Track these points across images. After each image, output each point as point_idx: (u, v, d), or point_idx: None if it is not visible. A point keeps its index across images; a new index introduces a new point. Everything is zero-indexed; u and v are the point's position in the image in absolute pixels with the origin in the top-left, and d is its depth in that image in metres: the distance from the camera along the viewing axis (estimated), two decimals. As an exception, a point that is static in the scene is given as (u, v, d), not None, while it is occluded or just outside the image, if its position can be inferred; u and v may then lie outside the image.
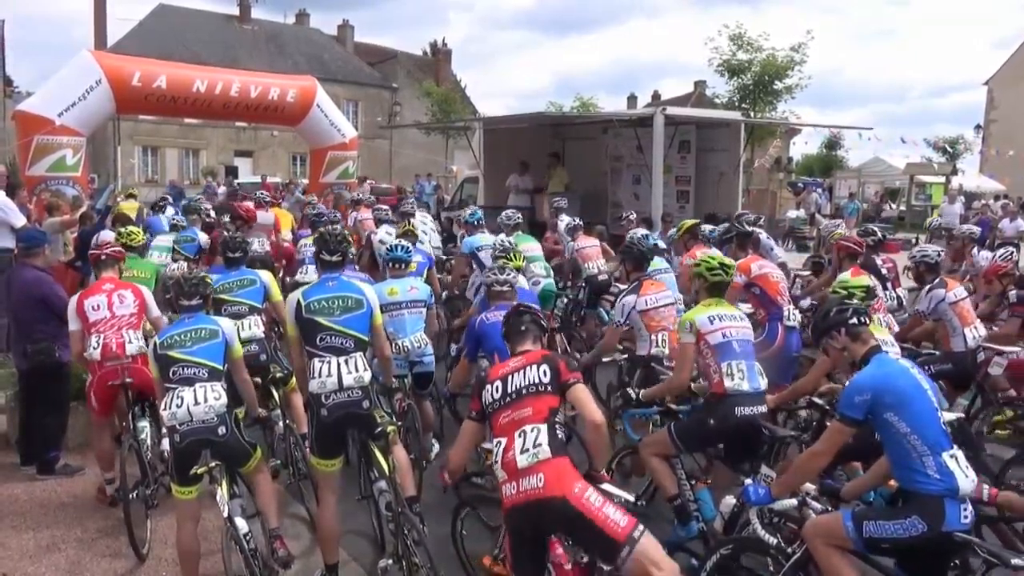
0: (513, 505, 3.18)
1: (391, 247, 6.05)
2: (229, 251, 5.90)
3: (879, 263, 7.29)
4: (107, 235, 8.12)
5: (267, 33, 40.75)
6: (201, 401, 3.90)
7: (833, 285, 5.15)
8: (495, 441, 3.31)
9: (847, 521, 3.14)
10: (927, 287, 6.04)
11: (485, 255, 7.48)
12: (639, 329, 5.35)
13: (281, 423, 5.58)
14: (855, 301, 4.20)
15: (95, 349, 5.00)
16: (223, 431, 3.94)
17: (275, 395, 5.55)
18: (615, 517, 3.04)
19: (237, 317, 5.45)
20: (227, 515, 3.88)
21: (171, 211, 12.55)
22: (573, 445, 4.07)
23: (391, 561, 4.15)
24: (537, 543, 3.30)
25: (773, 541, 3.41)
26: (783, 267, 6.56)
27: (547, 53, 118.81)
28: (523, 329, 3.67)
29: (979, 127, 37.89)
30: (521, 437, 3.21)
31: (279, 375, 5.47)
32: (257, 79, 14.92)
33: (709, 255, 4.80)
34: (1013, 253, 7.34)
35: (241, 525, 3.88)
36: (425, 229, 9.40)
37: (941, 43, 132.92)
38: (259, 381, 5.56)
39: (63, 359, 5.68)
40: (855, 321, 3.43)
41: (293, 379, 5.54)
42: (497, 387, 3.38)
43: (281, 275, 8.69)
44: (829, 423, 3.75)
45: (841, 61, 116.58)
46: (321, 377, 4.05)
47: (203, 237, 8.94)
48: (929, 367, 5.49)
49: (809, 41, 23.98)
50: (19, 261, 6.13)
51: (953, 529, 3.01)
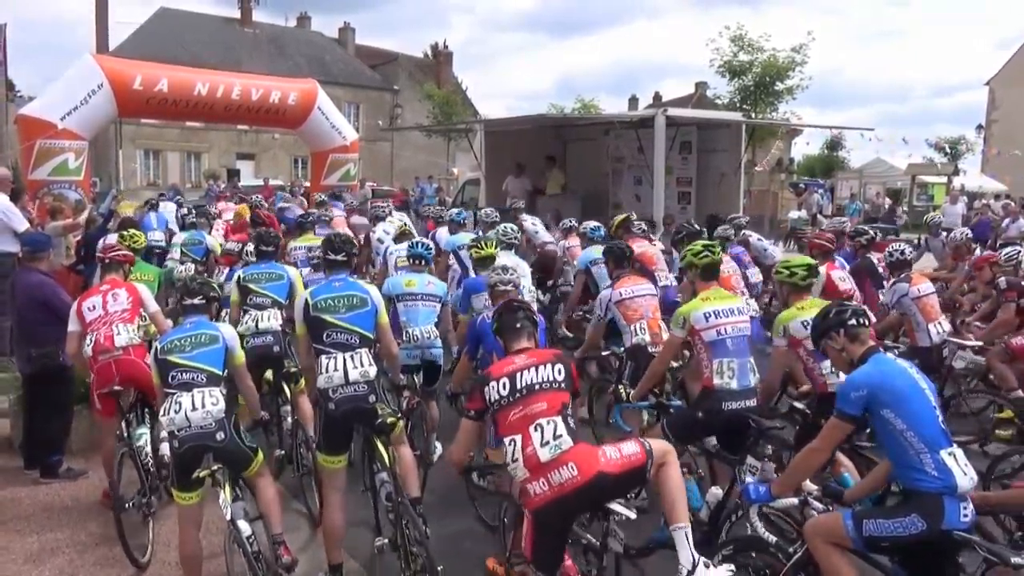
0: (546, 502, 3.18)
1: (412, 244, 6.41)
2: (263, 244, 6.17)
3: (875, 261, 7.38)
4: (111, 239, 8.17)
5: (268, 36, 40.82)
6: (199, 407, 3.91)
7: (776, 265, 5.05)
8: (507, 440, 3.29)
9: (847, 520, 3.14)
10: (892, 281, 6.34)
11: (466, 254, 7.55)
12: (619, 321, 5.51)
13: (290, 418, 5.65)
14: (797, 278, 4.54)
15: (88, 346, 5.05)
16: (221, 436, 3.93)
17: (286, 390, 5.62)
18: (631, 450, 3.27)
19: (259, 308, 5.68)
20: (230, 517, 3.89)
21: (170, 206, 12.72)
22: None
23: (387, 540, 4.30)
24: (564, 533, 3.35)
25: (773, 539, 3.42)
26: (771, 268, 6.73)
27: (548, 54, 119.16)
28: (518, 326, 3.67)
29: (980, 127, 37.84)
30: (538, 431, 3.24)
31: (293, 370, 5.53)
32: (258, 82, 14.96)
33: (697, 243, 4.92)
34: (1020, 252, 7.35)
35: (244, 528, 3.89)
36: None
37: (942, 43, 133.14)
38: (269, 377, 5.67)
39: (67, 363, 5.69)
40: (853, 322, 3.44)
41: (302, 381, 5.58)
42: (504, 384, 3.36)
43: None
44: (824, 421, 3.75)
45: (842, 61, 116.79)
46: (328, 372, 4.16)
47: (210, 240, 9.00)
48: None
49: (810, 42, 24.05)
50: (23, 265, 6.15)
51: (953, 527, 3.01)
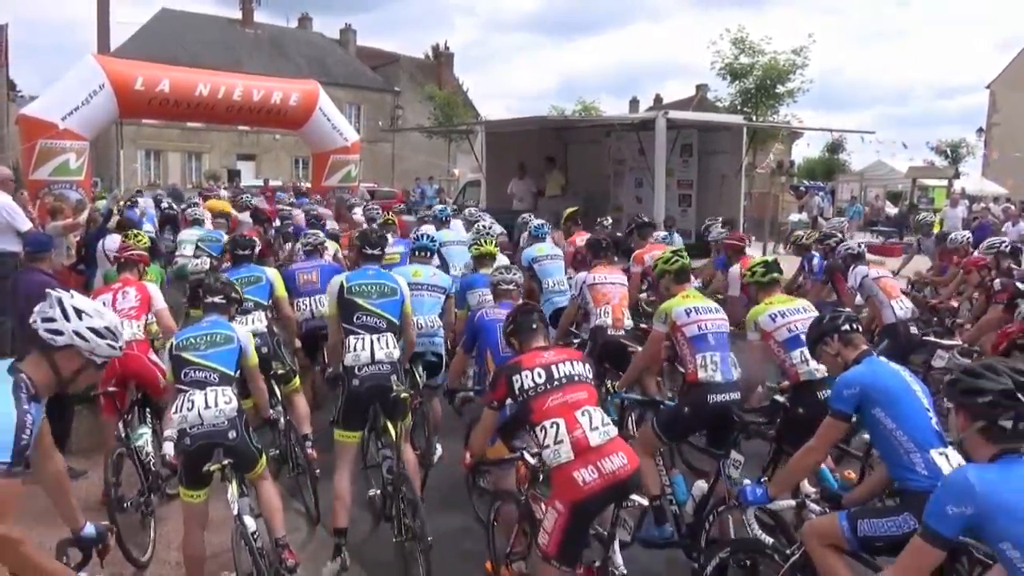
0: (594, 492, 3.20)
1: (418, 236, 6.78)
2: (239, 248, 6.21)
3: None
4: (113, 239, 8.18)
5: (269, 37, 40.88)
6: (212, 405, 3.93)
7: (744, 275, 5.08)
8: (547, 423, 3.30)
9: (842, 521, 3.16)
10: (850, 268, 6.80)
11: (452, 250, 7.95)
12: (589, 303, 5.97)
13: (282, 419, 5.64)
14: (758, 276, 4.68)
15: None
16: (233, 435, 3.95)
17: (276, 392, 5.60)
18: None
19: (243, 313, 5.63)
20: (236, 512, 3.92)
21: (147, 202, 13.11)
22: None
23: (378, 491, 4.78)
24: (591, 523, 3.40)
25: (770, 541, 3.44)
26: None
27: (550, 56, 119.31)
28: (534, 327, 3.77)
29: (981, 130, 37.83)
30: (585, 416, 3.31)
31: (280, 372, 5.51)
32: (259, 83, 14.99)
33: (667, 250, 5.22)
34: (1003, 243, 7.76)
35: (249, 523, 3.92)
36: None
37: (943, 44, 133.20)
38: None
39: (67, 363, 5.70)
40: (847, 327, 3.56)
41: (296, 380, 5.59)
42: (539, 373, 3.43)
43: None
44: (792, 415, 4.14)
45: (842, 62, 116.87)
46: (356, 351, 4.49)
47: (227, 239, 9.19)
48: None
49: (811, 44, 23.99)
50: (25, 265, 6.16)
51: None
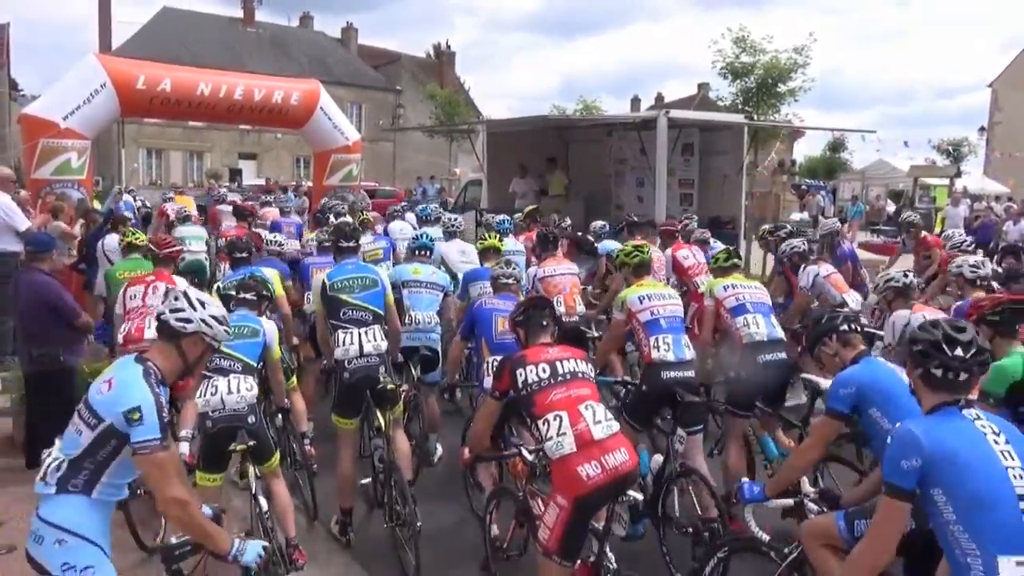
0: (597, 486, 3.24)
1: (417, 236, 7.01)
2: (237, 251, 6.38)
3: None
4: (112, 239, 8.20)
5: (271, 36, 40.89)
6: (235, 391, 4.17)
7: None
8: (549, 416, 3.35)
9: (839, 521, 3.17)
10: (799, 268, 6.96)
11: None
12: (541, 294, 6.21)
13: (280, 416, 5.72)
14: (722, 257, 5.39)
15: (120, 335, 5.37)
16: (252, 420, 4.19)
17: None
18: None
19: None
20: (253, 491, 4.18)
21: (128, 197, 13.64)
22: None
23: (369, 480, 5.04)
24: (591, 519, 3.43)
25: (766, 538, 3.45)
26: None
27: (551, 55, 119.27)
28: (544, 324, 3.84)
29: (983, 129, 37.80)
30: (589, 410, 3.37)
31: None
32: (261, 82, 14.96)
33: (628, 244, 5.69)
34: (968, 243, 7.91)
35: (263, 504, 4.14)
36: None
37: (944, 44, 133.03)
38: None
39: (68, 363, 5.71)
40: (845, 328, 3.60)
41: (293, 378, 5.67)
42: (544, 368, 3.49)
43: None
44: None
45: (843, 62, 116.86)
46: (345, 345, 4.76)
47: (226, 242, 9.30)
48: None
49: (811, 43, 23.95)
50: (26, 265, 6.16)
51: None
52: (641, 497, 3.50)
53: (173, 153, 36.27)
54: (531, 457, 3.67)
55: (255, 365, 4.36)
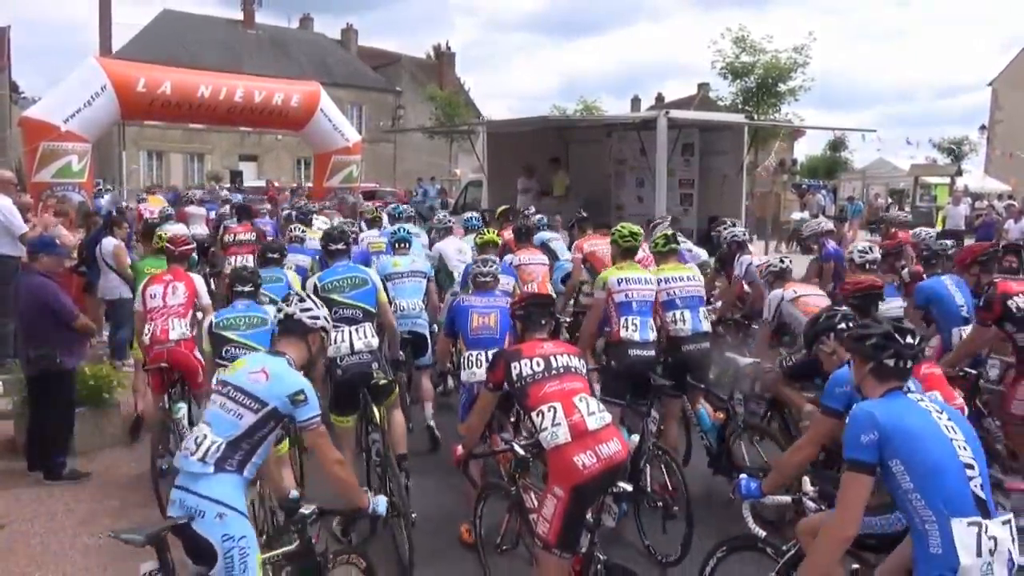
0: (593, 476, 3.30)
1: (395, 230, 7.37)
2: (270, 252, 6.78)
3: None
4: (109, 242, 8.21)
5: (271, 38, 40.85)
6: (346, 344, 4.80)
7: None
8: (544, 407, 3.43)
9: None
10: (735, 257, 7.20)
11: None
12: (517, 282, 6.81)
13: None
14: (661, 242, 5.76)
15: (147, 336, 5.56)
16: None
17: None
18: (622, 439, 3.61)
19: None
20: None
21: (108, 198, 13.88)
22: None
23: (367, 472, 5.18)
24: (587, 509, 3.45)
25: (763, 535, 3.46)
26: (701, 266, 7.53)
27: (551, 56, 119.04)
28: (543, 323, 3.93)
29: (984, 128, 37.77)
30: (582, 402, 3.46)
31: None
32: (261, 84, 14.99)
33: (622, 225, 5.77)
34: (929, 235, 8.12)
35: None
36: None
37: (944, 44, 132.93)
38: None
39: (66, 366, 5.73)
40: (843, 326, 3.63)
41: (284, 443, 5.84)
42: (538, 362, 3.58)
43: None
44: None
45: (843, 62, 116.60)
46: (337, 344, 4.86)
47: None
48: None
49: (811, 42, 23.95)
50: (27, 267, 6.17)
51: None
52: (631, 488, 3.54)
53: (174, 155, 36.22)
54: (523, 452, 3.70)
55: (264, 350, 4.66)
